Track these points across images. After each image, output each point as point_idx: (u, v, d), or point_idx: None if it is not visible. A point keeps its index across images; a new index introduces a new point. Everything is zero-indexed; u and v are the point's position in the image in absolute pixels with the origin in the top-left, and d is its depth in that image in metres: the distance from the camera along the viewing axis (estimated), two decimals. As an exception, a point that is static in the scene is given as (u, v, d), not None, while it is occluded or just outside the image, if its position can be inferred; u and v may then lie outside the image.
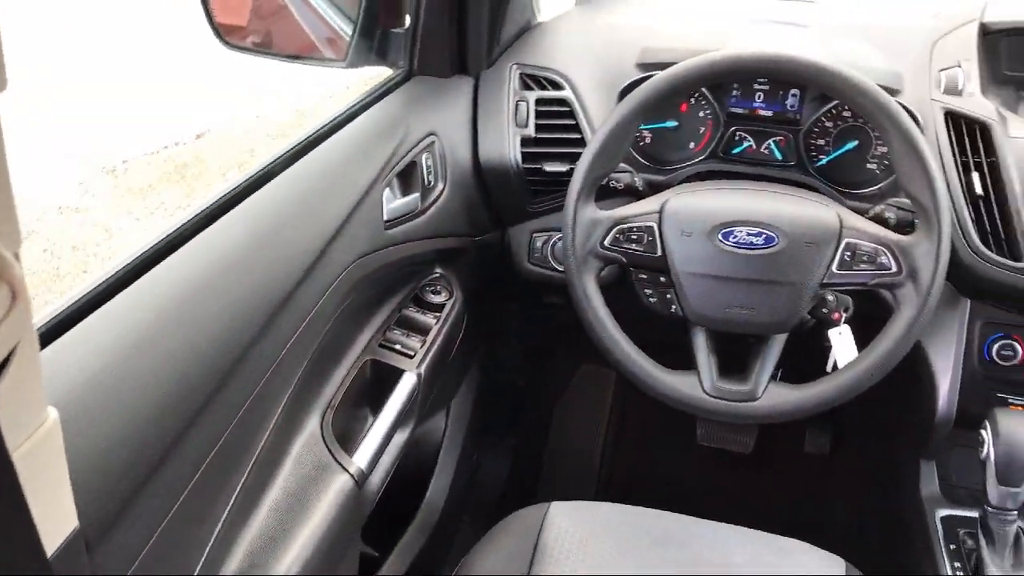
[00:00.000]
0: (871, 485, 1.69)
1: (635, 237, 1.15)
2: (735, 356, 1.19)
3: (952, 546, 1.25)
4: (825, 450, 1.90)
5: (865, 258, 1.09)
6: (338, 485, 1.06)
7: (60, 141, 4.22)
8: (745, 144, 1.37)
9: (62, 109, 4.42)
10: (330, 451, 1.07)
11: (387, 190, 1.18)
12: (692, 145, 1.39)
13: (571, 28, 1.55)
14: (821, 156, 1.34)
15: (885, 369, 1.09)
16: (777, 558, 1.12)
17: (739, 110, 1.36)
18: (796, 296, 1.11)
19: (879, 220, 1.22)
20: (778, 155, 1.36)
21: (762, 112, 1.35)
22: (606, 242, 1.16)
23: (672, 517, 1.19)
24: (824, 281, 1.10)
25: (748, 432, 1.87)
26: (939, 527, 1.29)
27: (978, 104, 1.24)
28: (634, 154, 1.39)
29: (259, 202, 0.99)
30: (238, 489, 0.91)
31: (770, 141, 1.36)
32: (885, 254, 1.08)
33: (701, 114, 1.38)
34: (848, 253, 1.09)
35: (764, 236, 1.11)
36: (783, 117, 1.34)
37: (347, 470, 1.07)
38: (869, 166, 1.32)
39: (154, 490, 0.76)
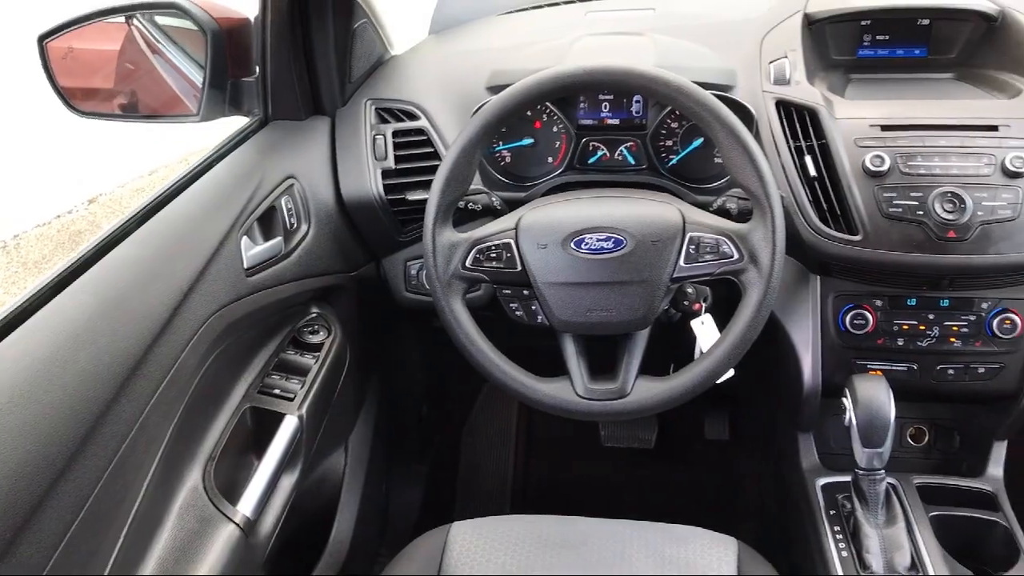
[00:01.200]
0: (765, 464, 1.76)
1: (494, 255, 1.18)
2: (606, 356, 1.22)
3: (832, 511, 1.30)
4: (724, 435, 1.97)
5: (708, 249, 1.14)
6: (224, 535, 1.06)
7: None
8: (599, 153, 1.42)
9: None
10: (213, 502, 1.07)
11: (245, 238, 1.19)
12: (550, 160, 1.44)
13: (424, 58, 1.59)
14: (671, 156, 1.40)
15: (741, 351, 1.14)
16: (672, 546, 1.16)
17: (589, 121, 1.41)
18: (650, 293, 1.15)
19: (722, 211, 1.27)
20: (631, 160, 1.41)
21: (610, 121, 1.41)
22: (467, 263, 1.18)
23: (572, 520, 1.22)
24: (674, 275, 1.14)
25: (648, 428, 1.92)
26: (819, 495, 1.34)
27: (805, 91, 1.32)
28: (495, 174, 1.43)
29: (107, 266, 1.00)
30: (114, 554, 0.91)
31: (622, 148, 1.41)
32: (726, 243, 1.13)
33: (555, 129, 1.43)
34: (692, 246, 1.14)
35: (613, 240, 1.15)
36: (630, 123, 1.40)
37: (232, 520, 1.07)
38: (716, 160, 1.38)
39: (14, 567, 0.76)
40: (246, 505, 1.11)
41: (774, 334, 1.37)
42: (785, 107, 1.32)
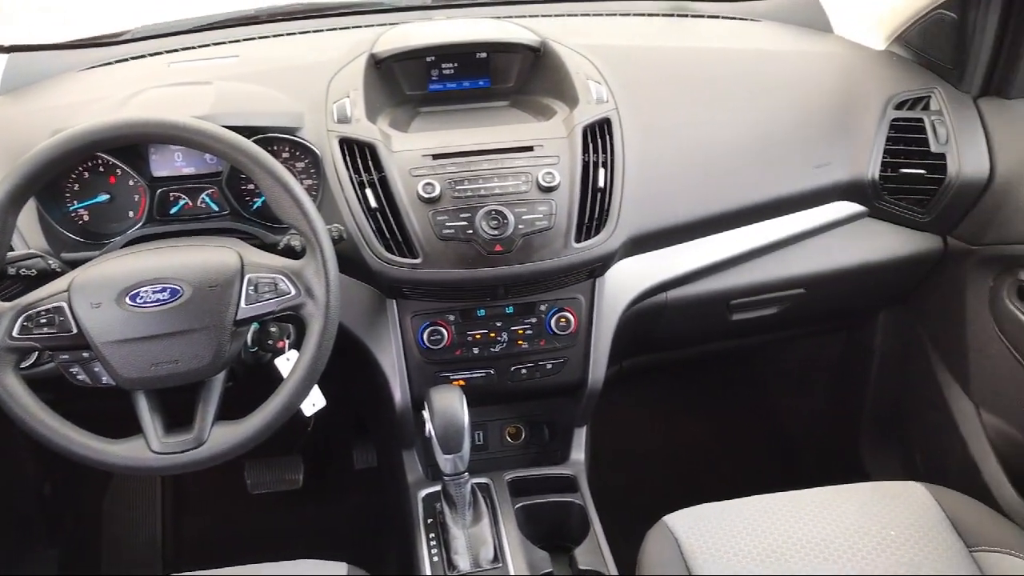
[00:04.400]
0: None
1: (45, 320, 1.13)
2: (188, 406, 1.21)
3: (430, 520, 1.38)
4: (373, 463, 2.02)
5: (267, 288, 1.17)
6: None
7: None
8: (182, 202, 1.41)
9: None
10: None
11: None
12: (131, 214, 1.41)
13: None
14: (255, 199, 1.43)
15: (312, 381, 1.18)
16: None
17: (163, 172, 1.40)
18: (215, 338, 1.15)
19: (287, 249, 1.31)
20: (215, 207, 1.42)
21: (185, 170, 1.41)
22: (15, 332, 1.12)
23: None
24: (237, 318, 1.16)
25: (294, 469, 1.93)
26: (420, 506, 1.42)
27: (364, 128, 1.39)
28: (70, 235, 1.37)
29: None
30: None
31: (204, 195, 1.42)
32: (283, 281, 1.17)
33: (131, 183, 1.40)
34: (252, 287, 1.17)
35: (168, 290, 1.14)
36: (207, 171, 1.41)
37: None
38: None
39: None
40: None
41: (366, 359, 1.43)
42: (348, 144, 1.38)
